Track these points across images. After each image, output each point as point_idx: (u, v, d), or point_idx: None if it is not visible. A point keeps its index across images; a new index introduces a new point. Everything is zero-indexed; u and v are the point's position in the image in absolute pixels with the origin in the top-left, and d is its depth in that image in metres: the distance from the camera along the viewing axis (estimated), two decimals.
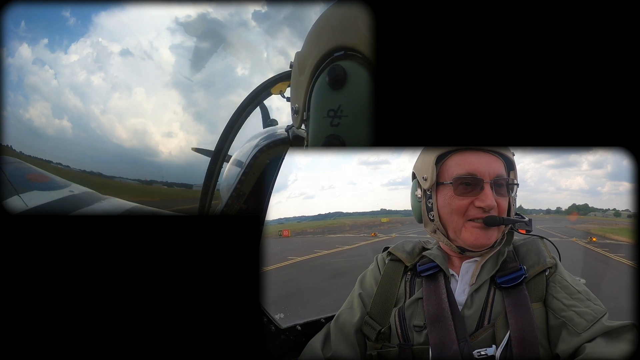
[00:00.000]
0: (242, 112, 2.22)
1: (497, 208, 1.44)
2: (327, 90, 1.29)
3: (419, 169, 1.55)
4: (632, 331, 1.26)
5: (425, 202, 1.54)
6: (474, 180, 1.43)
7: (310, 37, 1.41)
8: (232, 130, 2.24)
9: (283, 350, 1.76)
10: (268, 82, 2.14)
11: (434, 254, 1.55)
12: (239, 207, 1.99)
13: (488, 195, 1.42)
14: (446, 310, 1.40)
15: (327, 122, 1.28)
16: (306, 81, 1.36)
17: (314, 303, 7.93)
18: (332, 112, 1.28)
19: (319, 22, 1.40)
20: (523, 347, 1.30)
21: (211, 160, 2.25)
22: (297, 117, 1.44)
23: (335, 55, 1.29)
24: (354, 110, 1.26)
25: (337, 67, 1.26)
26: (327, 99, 1.29)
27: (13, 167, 4.71)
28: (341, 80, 1.26)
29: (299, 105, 1.42)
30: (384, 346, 1.48)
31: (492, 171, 1.44)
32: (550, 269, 1.44)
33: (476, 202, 1.42)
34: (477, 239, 1.44)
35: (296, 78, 1.45)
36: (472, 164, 1.45)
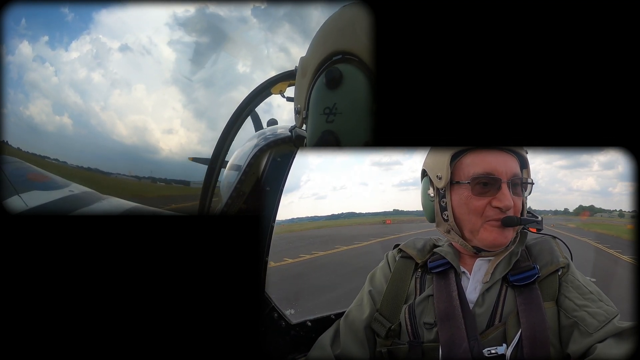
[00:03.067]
0: (242, 112, 2.22)
1: (513, 207, 1.44)
2: (324, 89, 1.38)
3: (431, 167, 1.54)
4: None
5: (438, 202, 1.52)
6: (491, 180, 1.42)
7: (313, 43, 1.50)
8: (232, 129, 2.24)
9: (293, 345, 1.76)
10: (268, 82, 2.14)
11: (445, 251, 1.54)
12: (239, 207, 1.99)
13: (506, 196, 1.41)
14: (456, 307, 1.40)
15: (323, 118, 1.37)
16: (307, 83, 1.46)
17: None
18: (328, 109, 1.37)
19: (321, 28, 1.49)
20: (534, 346, 1.30)
21: (211, 160, 2.25)
22: (299, 117, 1.53)
23: (334, 59, 1.38)
24: (348, 108, 1.34)
25: (334, 69, 1.36)
26: (324, 98, 1.38)
27: (13, 167, 4.71)
28: (337, 81, 1.35)
29: (300, 106, 1.52)
30: (393, 343, 1.48)
31: (509, 170, 1.43)
32: (563, 268, 1.43)
33: (494, 202, 1.41)
34: (496, 239, 1.42)
35: (299, 80, 1.54)
36: (489, 162, 1.43)
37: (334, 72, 1.35)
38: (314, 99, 1.42)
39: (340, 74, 1.34)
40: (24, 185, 4.17)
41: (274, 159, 1.63)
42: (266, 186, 1.60)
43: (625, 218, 42.92)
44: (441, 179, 1.49)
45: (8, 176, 3.92)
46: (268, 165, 1.63)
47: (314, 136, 1.40)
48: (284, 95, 2.10)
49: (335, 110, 1.36)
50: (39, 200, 4.01)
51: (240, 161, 2.08)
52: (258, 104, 2.27)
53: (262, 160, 1.86)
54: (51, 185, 4.60)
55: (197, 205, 2.25)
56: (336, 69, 1.35)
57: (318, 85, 1.41)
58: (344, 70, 1.34)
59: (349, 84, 1.34)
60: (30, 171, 4.82)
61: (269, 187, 1.60)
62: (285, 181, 1.63)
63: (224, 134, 2.23)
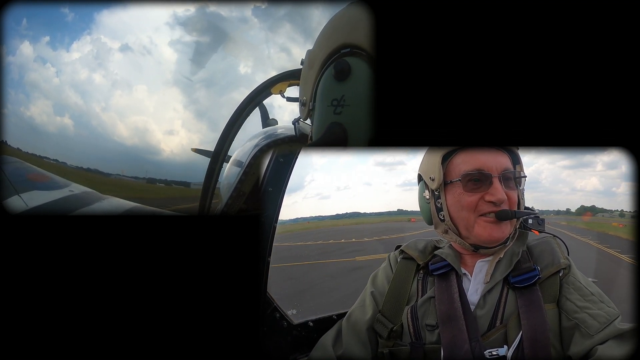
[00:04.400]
0: (242, 112, 2.22)
1: (507, 201, 1.44)
2: (332, 81, 1.40)
3: (424, 170, 1.55)
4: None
5: (434, 203, 1.53)
6: (482, 176, 1.43)
7: (321, 36, 1.52)
8: (232, 129, 2.24)
9: (295, 345, 1.76)
10: (268, 82, 2.14)
11: (445, 253, 1.54)
12: (239, 207, 1.99)
13: (498, 189, 1.41)
14: (458, 309, 1.40)
15: (331, 110, 1.39)
16: (314, 75, 1.47)
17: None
18: (336, 101, 1.38)
19: (330, 22, 1.51)
20: (535, 348, 1.30)
21: (211, 160, 2.25)
22: (304, 109, 1.54)
23: (342, 52, 1.39)
24: (356, 100, 1.36)
25: (343, 61, 1.37)
26: (332, 90, 1.40)
27: (13, 167, 4.71)
28: (346, 73, 1.36)
29: (306, 98, 1.53)
30: (395, 344, 1.48)
31: (499, 165, 1.44)
32: (564, 270, 1.43)
33: (486, 197, 1.42)
34: (491, 233, 1.43)
35: (306, 72, 1.56)
36: (478, 159, 1.44)
37: (343, 65, 1.36)
38: (322, 90, 1.43)
39: (348, 66, 1.36)
40: (24, 185, 4.17)
41: (277, 160, 1.62)
42: (269, 187, 1.60)
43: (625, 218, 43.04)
44: (434, 180, 1.49)
45: (8, 176, 3.91)
46: (270, 166, 1.62)
47: (320, 128, 1.41)
48: (284, 95, 2.11)
49: (343, 102, 1.37)
50: (39, 200, 4.00)
51: (241, 160, 2.08)
52: (258, 104, 2.27)
53: (262, 160, 1.86)
54: (51, 185, 4.60)
55: (197, 206, 2.25)
56: (345, 61, 1.37)
57: (326, 77, 1.42)
58: (352, 63, 1.36)
59: (357, 76, 1.36)
60: (30, 171, 4.82)
61: (272, 188, 1.60)
62: (287, 182, 1.63)
63: (224, 133, 2.23)
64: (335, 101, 1.38)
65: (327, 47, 1.44)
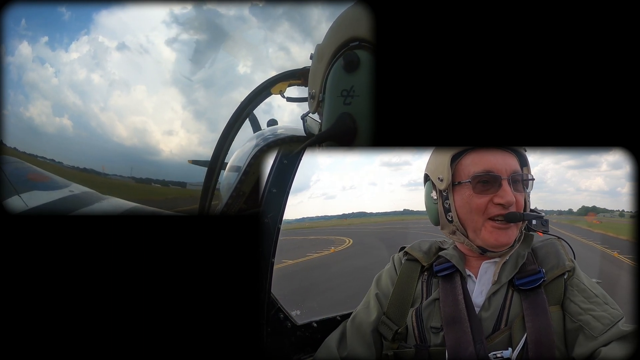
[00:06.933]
0: (242, 112, 2.22)
1: (515, 204, 1.44)
2: (342, 72, 1.43)
3: (432, 170, 1.55)
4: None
5: (442, 204, 1.52)
6: (491, 178, 1.43)
7: (330, 30, 1.55)
8: (232, 130, 2.24)
9: (299, 346, 1.76)
10: (268, 82, 2.14)
11: (450, 254, 1.54)
12: (239, 207, 1.99)
13: (507, 192, 1.41)
14: (462, 311, 1.40)
15: (341, 101, 1.42)
16: (324, 67, 1.50)
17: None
18: (345, 92, 1.42)
19: (339, 17, 1.54)
20: (539, 350, 1.29)
21: (211, 160, 2.25)
22: (314, 101, 1.57)
23: (351, 45, 1.43)
24: (366, 91, 1.38)
25: (352, 53, 1.40)
26: (342, 80, 1.43)
27: (13, 167, 4.70)
28: (355, 64, 1.39)
29: (315, 90, 1.56)
30: (400, 346, 1.48)
31: (508, 167, 1.44)
32: (568, 272, 1.43)
33: (495, 199, 1.42)
34: (498, 239, 1.43)
35: (315, 66, 1.59)
36: (488, 161, 1.44)
37: (352, 56, 1.40)
38: (331, 82, 1.46)
39: (357, 58, 1.39)
40: (24, 185, 4.16)
41: (281, 161, 1.62)
42: (273, 188, 1.60)
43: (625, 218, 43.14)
44: (443, 181, 1.49)
45: (8, 176, 3.91)
46: (275, 167, 1.62)
47: (331, 118, 1.44)
48: (284, 96, 2.11)
49: (353, 93, 1.40)
50: (39, 200, 3.99)
51: (240, 162, 2.08)
52: (258, 104, 2.27)
53: (262, 160, 1.86)
54: (51, 185, 4.59)
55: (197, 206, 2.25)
56: (354, 53, 1.40)
57: (335, 69, 1.45)
58: (361, 56, 1.39)
59: (365, 68, 1.38)
60: (30, 171, 4.81)
61: (276, 189, 1.60)
62: (292, 183, 1.63)
63: (223, 134, 2.23)
64: (345, 92, 1.41)
65: (337, 40, 1.47)
